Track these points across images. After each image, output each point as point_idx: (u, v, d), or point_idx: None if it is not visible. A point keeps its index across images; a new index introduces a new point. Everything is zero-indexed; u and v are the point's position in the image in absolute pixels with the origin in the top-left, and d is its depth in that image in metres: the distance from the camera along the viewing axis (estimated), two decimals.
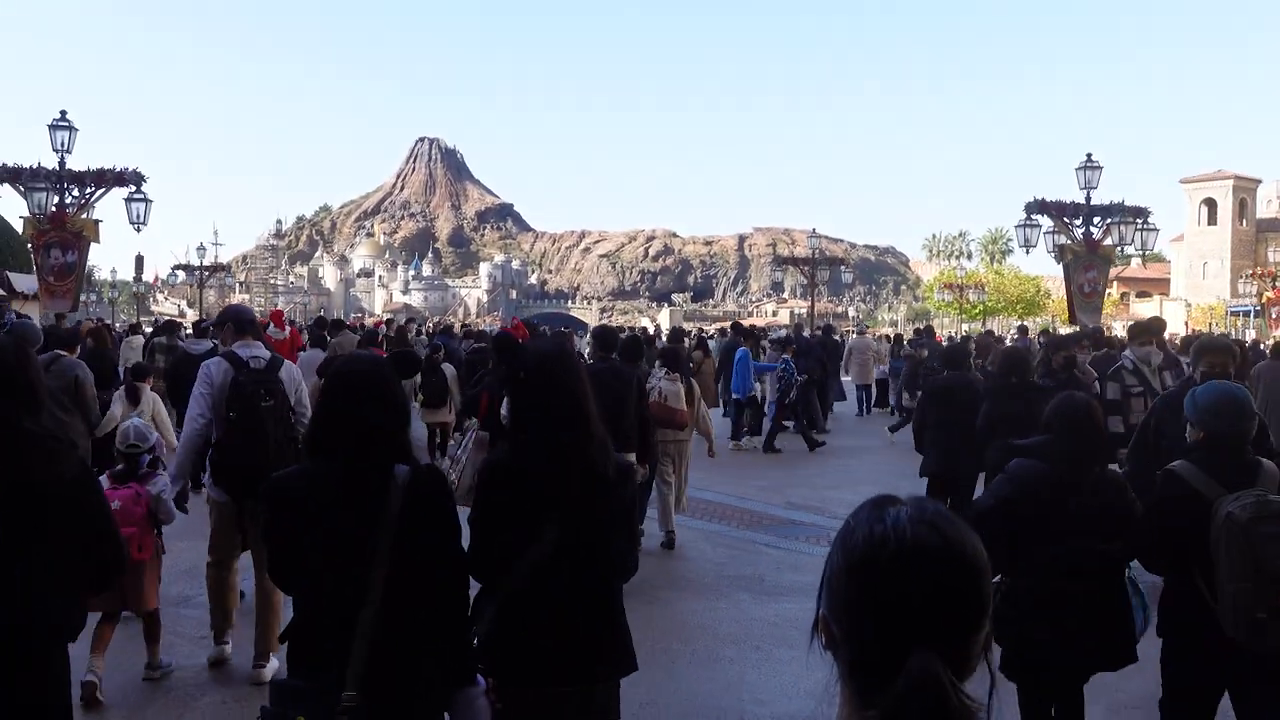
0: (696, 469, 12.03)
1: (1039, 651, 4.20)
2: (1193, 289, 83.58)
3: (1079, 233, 14.61)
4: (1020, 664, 4.26)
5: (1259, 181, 79.48)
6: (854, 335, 23.93)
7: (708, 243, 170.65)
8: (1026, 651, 4.21)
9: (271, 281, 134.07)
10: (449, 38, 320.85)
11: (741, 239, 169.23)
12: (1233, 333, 47.95)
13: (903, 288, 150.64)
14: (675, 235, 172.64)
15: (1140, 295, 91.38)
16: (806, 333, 22.00)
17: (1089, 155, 15.04)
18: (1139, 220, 15.02)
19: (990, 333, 23.67)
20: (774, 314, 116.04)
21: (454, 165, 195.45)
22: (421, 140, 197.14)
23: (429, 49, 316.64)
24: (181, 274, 38.78)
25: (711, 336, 23.83)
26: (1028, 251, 14.99)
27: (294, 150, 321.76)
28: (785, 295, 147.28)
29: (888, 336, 24.75)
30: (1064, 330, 24.47)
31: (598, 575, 3.37)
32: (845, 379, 21.43)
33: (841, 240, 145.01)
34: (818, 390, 17.62)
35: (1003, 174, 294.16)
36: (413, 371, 5.62)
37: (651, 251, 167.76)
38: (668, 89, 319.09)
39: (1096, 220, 14.87)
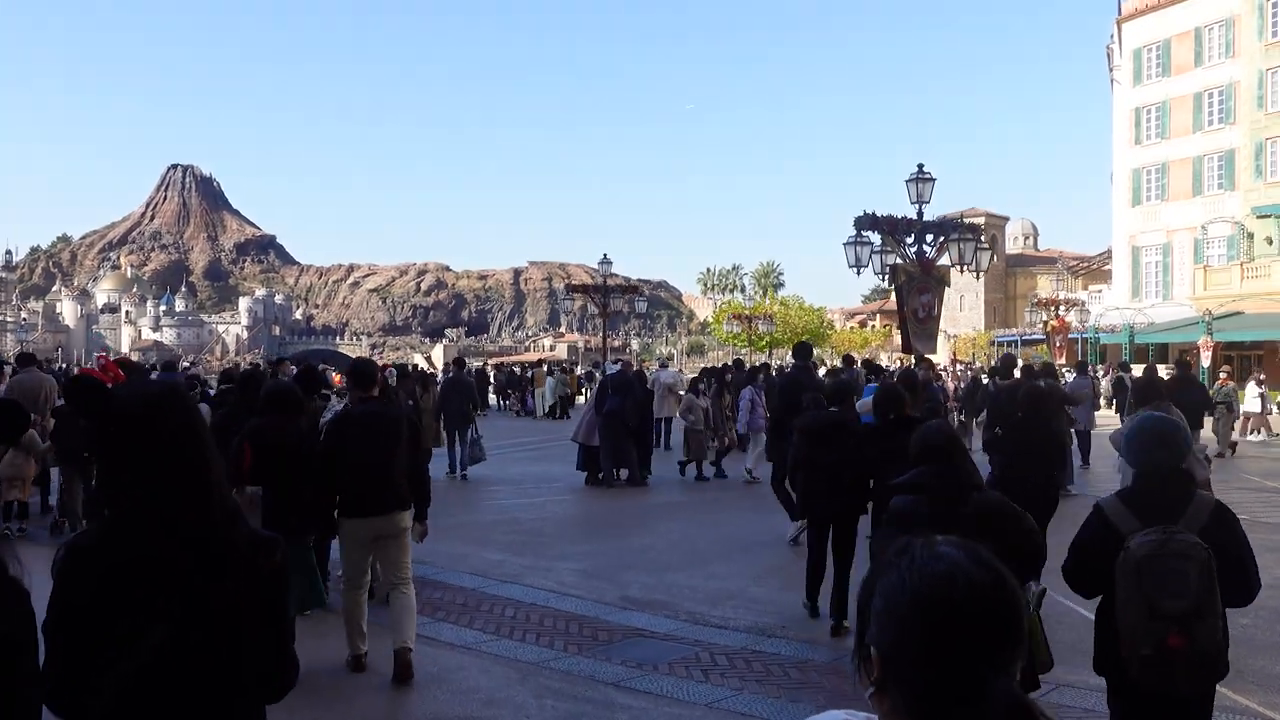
0: (490, 545, 11.25)
1: None
2: (951, 320, 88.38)
3: (911, 252, 13.55)
4: None
5: (1006, 219, 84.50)
6: (657, 368, 22.69)
7: (482, 277, 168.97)
8: None
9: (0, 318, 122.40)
10: (204, 60, 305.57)
11: (517, 273, 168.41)
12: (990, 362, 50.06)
13: (677, 321, 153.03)
14: (448, 269, 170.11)
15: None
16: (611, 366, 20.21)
17: (920, 166, 14.06)
18: (976, 238, 14.15)
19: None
20: (551, 348, 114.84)
21: (211, 194, 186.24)
22: (174, 167, 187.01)
23: (180, 70, 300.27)
24: None
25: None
26: (858, 272, 13.80)
27: (26, 176, 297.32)
28: (563, 329, 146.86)
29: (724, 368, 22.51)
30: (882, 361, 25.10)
31: (220, 694, 2.46)
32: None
33: (615, 275, 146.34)
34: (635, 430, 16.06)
35: (772, 208, 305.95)
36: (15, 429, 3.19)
37: (424, 286, 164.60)
38: (436, 120, 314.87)
39: (929, 238, 13.88)
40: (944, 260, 14.21)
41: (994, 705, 1.31)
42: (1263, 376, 26.65)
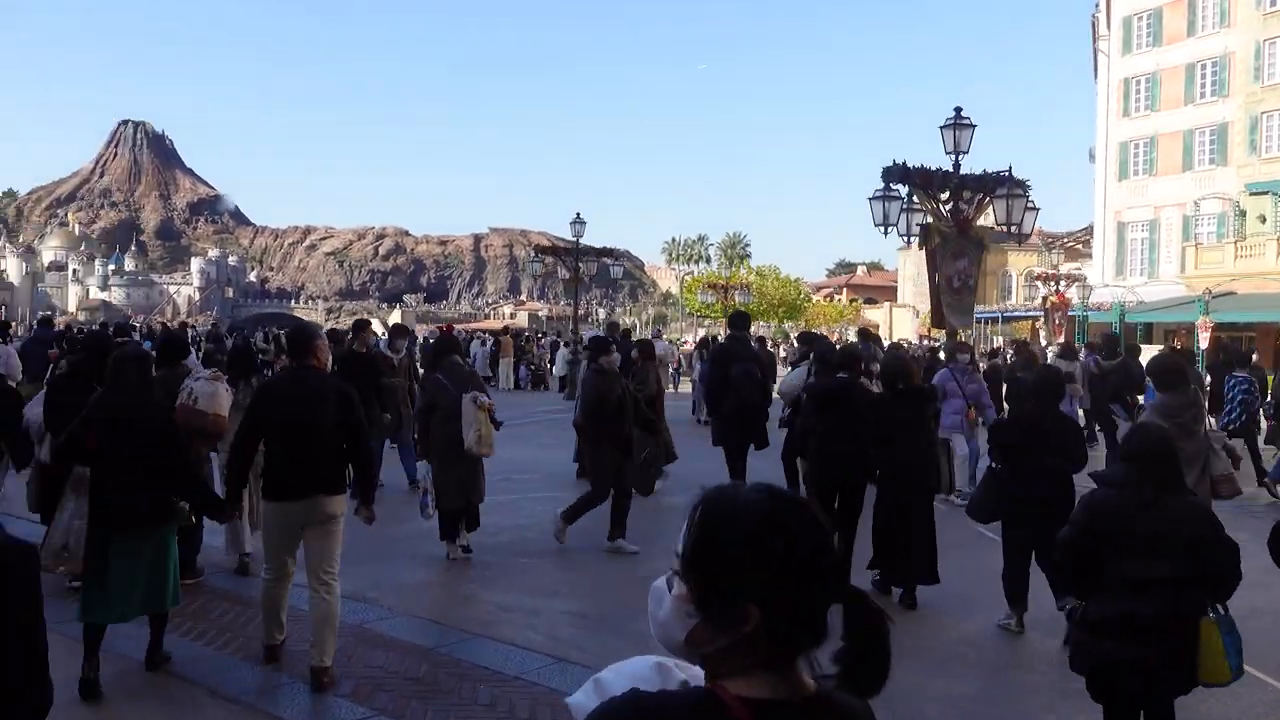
0: (451, 570, 8.70)
1: (1114, 673, 4.38)
2: (919, 295, 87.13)
3: (945, 210, 11.71)
4: (1101, 686, 4.47)
5: None
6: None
7: (442, 242, 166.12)
8: (1104, 674, 4.42)
9: None
10: (159, 14, 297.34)
11: (477, 239, 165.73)
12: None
13: (639, 291, 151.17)
14: (408, 234, 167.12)
15: (869, 302, 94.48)
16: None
17: (958, 111, 12.18)
18: (1025, 195, 12.22)
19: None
20: (512, 316, 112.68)
21: (163, 152, 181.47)
22: (125, 123, 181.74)
23: (131, 23, 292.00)
24: None
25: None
26: (885, 232, 11.94)
27: None
28: (523, 297, 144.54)
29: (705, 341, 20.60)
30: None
31: None
32: None
33: (575, 243, 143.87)
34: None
35: (738, 177, 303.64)
36: None
37: (382, 250, 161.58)
38: (397, 83, 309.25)
39: (967, 195, 12.03)
40: (982, 221, 12.33)
41: (855, 621, 1.42)
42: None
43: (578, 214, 25.56)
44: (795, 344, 12.28)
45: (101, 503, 5.73)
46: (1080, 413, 14.04)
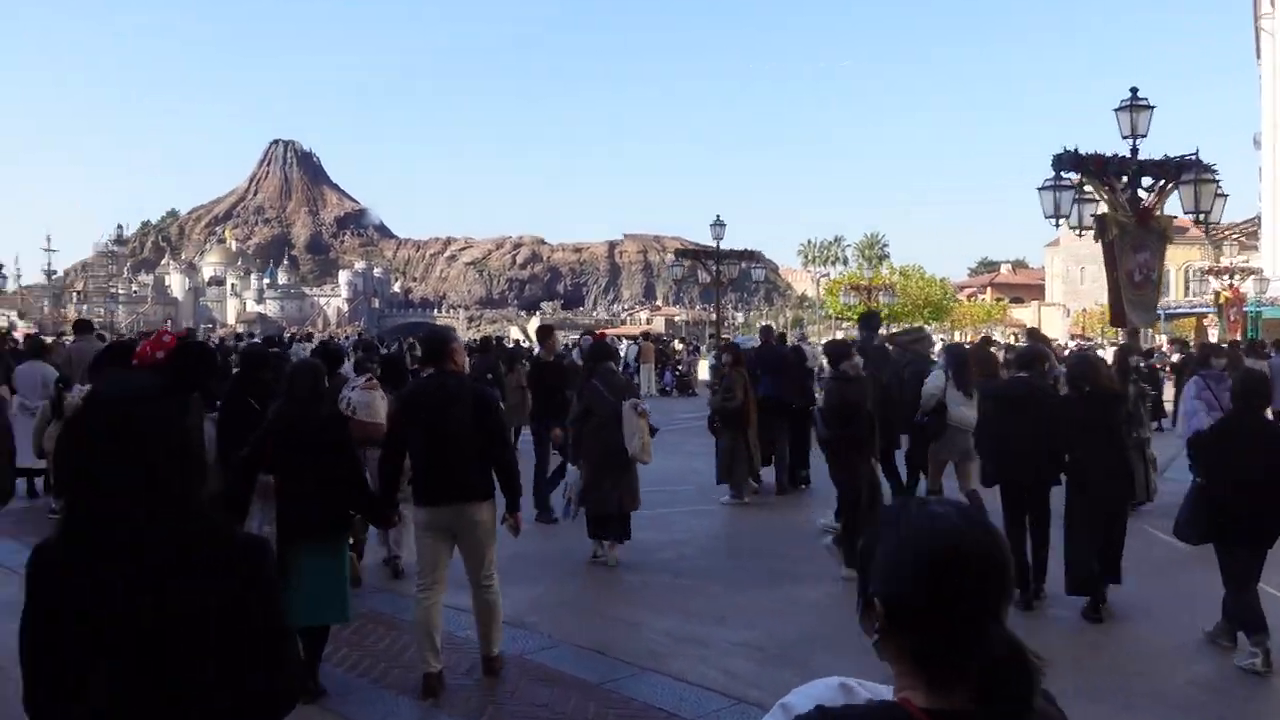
0: (610, 592, 8.34)
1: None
2: (1070, 294, 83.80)
3: (1123, 199, 10.85)
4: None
5: None
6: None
7: (577, 249, 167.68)
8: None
9: (112, 290, 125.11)
10: (304, 38, 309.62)
11: (612, 245, 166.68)
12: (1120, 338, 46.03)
13: (774, 294, 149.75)
14: (544, 242, 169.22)
15: (1015, 301, 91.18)
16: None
17: (1134, 91, 11.32)
18: (1214, 179, 11.23)
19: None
20: (648, 321, 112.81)
21: (311, 169, 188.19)
22: (276, 143, 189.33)
23: (282, 48, 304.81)
24: None
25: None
26: (1057, 224, 11.16)
27: (138, 154, 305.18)
28: (658, 302, 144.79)
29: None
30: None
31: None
32: None
33: (710, 247, 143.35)
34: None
35: (877, 178, 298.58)
36: None
37: (519, 259, 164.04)
38: (533, 94, 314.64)
39: (1146, 181, 11.14)
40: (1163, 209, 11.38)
41: (993, 648, 1.44)
42: None
43: (718, 216, 25.16)
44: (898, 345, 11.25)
45: (278, 512, 5.74)
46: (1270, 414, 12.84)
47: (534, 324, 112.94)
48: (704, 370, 26.56)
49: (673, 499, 12.01)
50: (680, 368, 30.31)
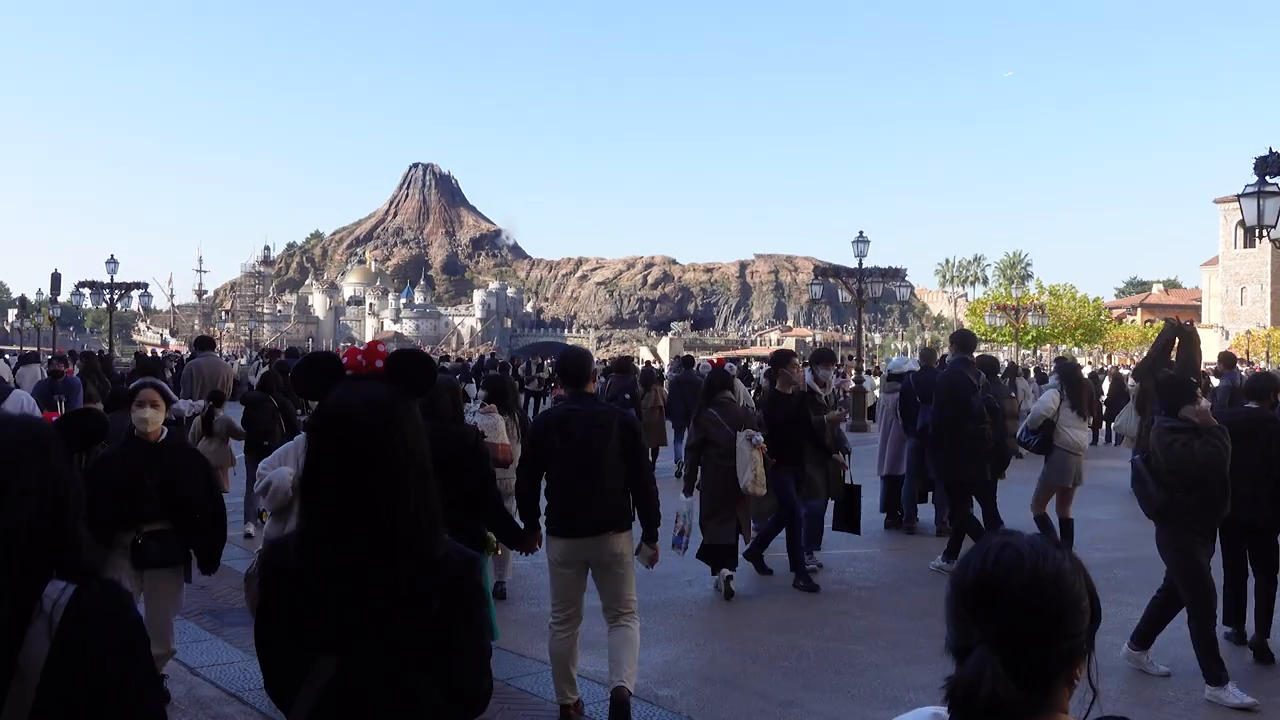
0: (755, 662, 7.16)
1: None
2: (1230, 315, 79.47)
3: None
4: None
5: None
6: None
7: (708, 270, 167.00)
8: None
9: (258, 309, 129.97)
10: (443, 63, 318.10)
11: (743, 265, 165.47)
12: None
13: (909, 315, 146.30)
14: (674, 262, 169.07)
15: None
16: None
17: None
18: None
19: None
20: (778, 342, 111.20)
21: (448, 191, 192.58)
22: (415, 166, 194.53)
23: (423, 74, 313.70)
24: (87, 291, 33.51)
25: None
26: (1260, 234, 9.74)
27: (285, 177, 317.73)
28: (789, 322, 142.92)
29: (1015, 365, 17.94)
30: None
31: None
32: None
33: (844, 266, 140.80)
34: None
35: (1017, 196, 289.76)
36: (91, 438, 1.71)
37: (650, 279, 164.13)
38: (666, 115, 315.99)
39: None
40: None
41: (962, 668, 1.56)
42: None
43: (860, 232, 23.90)
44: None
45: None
46: None
47: (664, 344, 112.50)
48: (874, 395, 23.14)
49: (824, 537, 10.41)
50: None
